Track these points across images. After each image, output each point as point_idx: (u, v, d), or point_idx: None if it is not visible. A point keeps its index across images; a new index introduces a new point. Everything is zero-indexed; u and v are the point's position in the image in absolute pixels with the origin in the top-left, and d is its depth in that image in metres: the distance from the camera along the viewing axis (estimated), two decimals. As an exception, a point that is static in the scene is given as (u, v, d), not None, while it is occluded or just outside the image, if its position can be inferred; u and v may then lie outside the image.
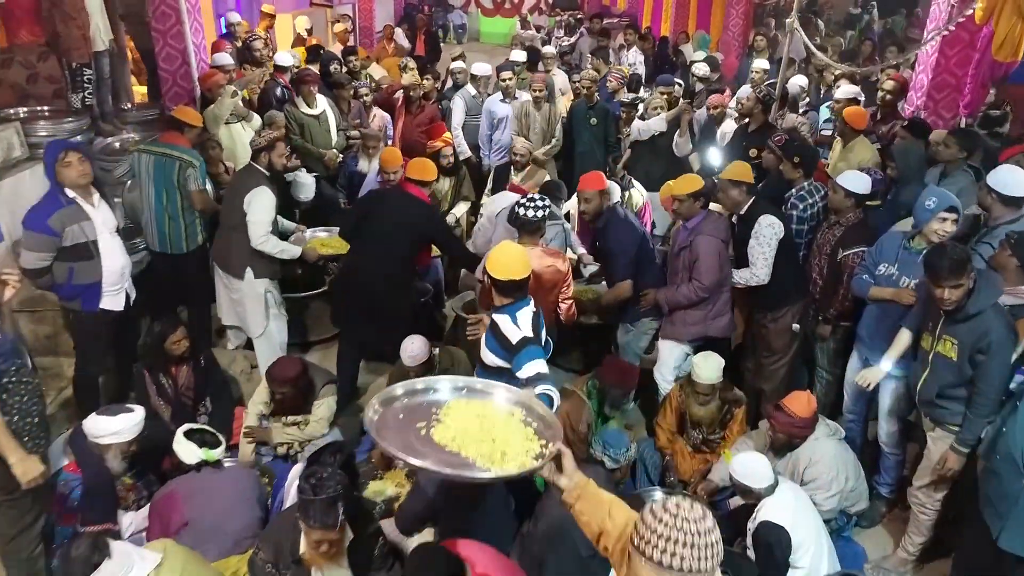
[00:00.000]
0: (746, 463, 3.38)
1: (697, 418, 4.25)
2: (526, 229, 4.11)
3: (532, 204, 4.06)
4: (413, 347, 4.18)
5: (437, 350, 4.42)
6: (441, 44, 18.58)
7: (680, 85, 7.62)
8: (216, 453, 3.45)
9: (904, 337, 3.70)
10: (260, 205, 4.62)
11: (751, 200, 4.39)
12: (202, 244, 5.08)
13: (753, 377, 4.75)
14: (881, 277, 3.91)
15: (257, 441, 4.22)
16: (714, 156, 6.28)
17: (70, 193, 3.99)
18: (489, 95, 7.42)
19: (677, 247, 4.47)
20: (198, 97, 6.52)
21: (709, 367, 4.02)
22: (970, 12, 4.91)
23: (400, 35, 15.78)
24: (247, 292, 4.80)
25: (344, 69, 7.71)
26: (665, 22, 14.83)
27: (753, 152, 5.87)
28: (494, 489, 3.31)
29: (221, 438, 3.50)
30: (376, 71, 8.98)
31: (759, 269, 4.29)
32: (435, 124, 6.63)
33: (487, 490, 3.23)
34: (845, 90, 6.28)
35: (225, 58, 6.50)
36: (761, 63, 8.22)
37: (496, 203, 5.67)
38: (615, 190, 5.58)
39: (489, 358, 3.38)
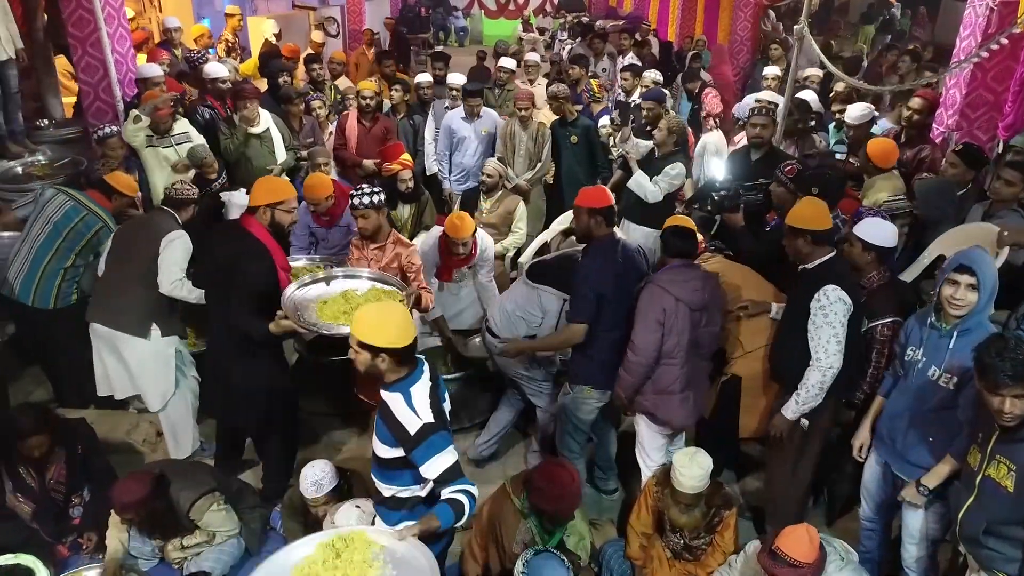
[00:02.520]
0: None
1: (678, 525, 3.41)
2: (381, 209, 3.93)
3: (366, 189, 3.88)
4: (314, 471, 3.33)
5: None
6: (432, 48, 17.92)
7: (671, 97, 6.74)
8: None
9: (948, 467, 2.86)
10: (178, 247, 3.93)
11: (830, 255, 3.32)
12: (75, 304, 4.28)
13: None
14: (908, 365, 3.05)
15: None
16: (717, 168, 5.40)
17: None
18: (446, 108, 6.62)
19: None
20: (122, 112, 5.74)
21: (693, 473, 3.15)
22: (1019, 28, 4.02)
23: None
24: (150, 354, 4.00)
25: (291, 81, 6.86)
26: (672, 25, 14.01)
27: (763, 181, 5.02)
28: None
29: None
30: (345, 81, 8.19)
31: (828, 357, 3.16)
32: (392, 144, 5.80)
33: None
34: (854, 112, 5.33)
35: (153, 69, 5.68)
36: (773, 69, 7.33)
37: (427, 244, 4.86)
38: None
39: (381, 449, 2.64)
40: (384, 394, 2.56)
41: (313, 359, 4.86)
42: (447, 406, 2.71)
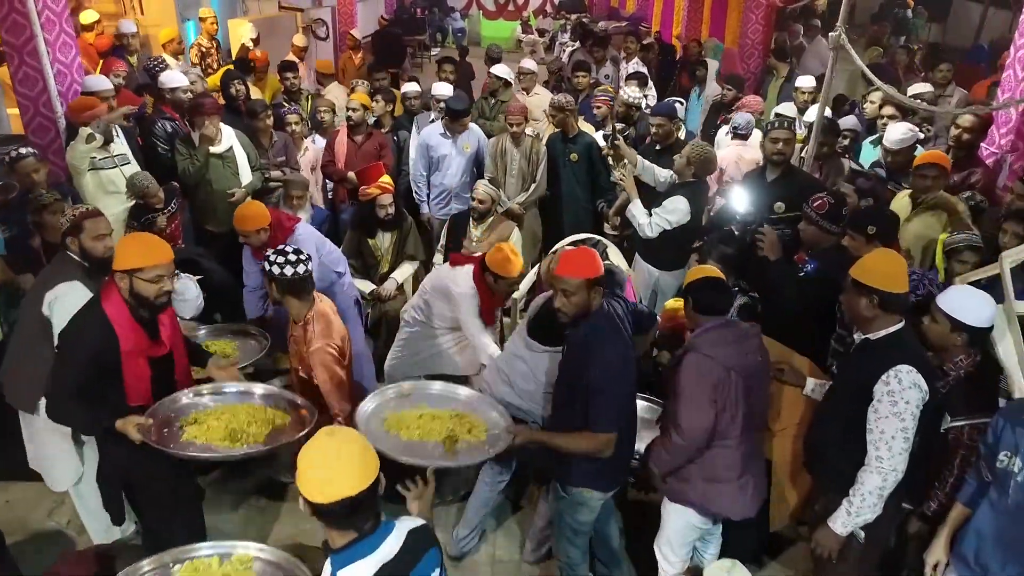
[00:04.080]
0: None
1: (704, 648, 2.78)
2: (295, 291, 3.19)
3: (287, 258, 3.14)
4: None
5: None
6: (428, 51, 17.24)
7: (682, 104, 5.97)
8: None
9: None
10: (67, 310, 3.04)
11: (898, 326, 2.65)
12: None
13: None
14: (1002, 476, 2.40)
15: None
16: (739, 199, 4.64)
17: None
18: (431, 121, 5.97)
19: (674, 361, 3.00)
20: (64, 130, 5.09)
21: None
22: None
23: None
24: (41, 431, 3.34)
25: (247, 91, 6.19)
26: (676, 27, 13.36)
27: (780, 207, 4.38)
28: None
29: None
30: (334, 91, 7.55)
31: (892, 457, 2.52)
32: (369, 164, 5.14)
33: None
34: (895, 135, 4.56)
35: (101, 82, 5.01)
36: (807, 80, 6.63)
37: (435, 286, 4.20)
38: (620, 274, 4.02)
39: None
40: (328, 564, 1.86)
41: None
42: None
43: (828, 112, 5.74)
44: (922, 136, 4.62)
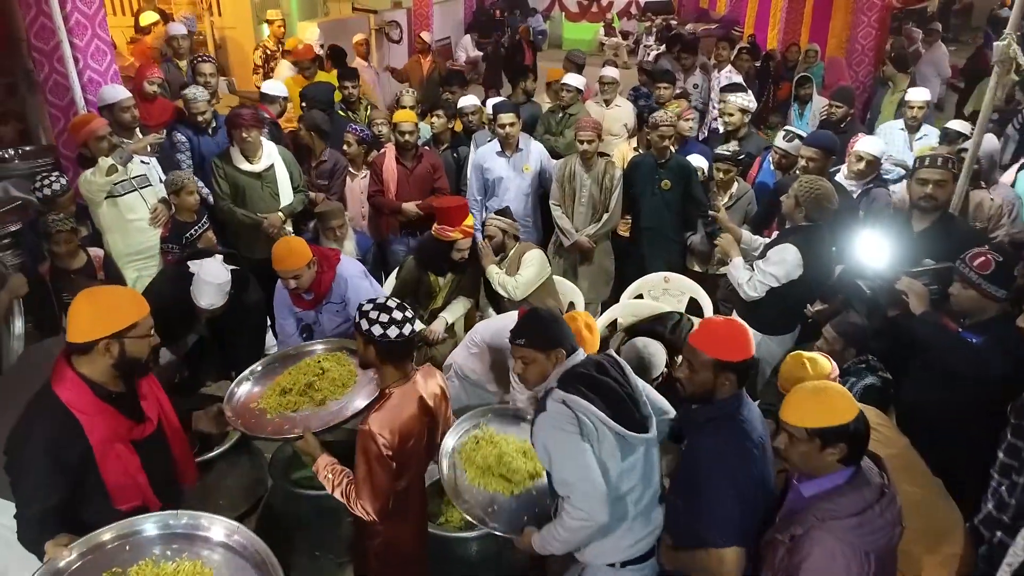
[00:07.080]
0: None
1: None
2: (393, 357, 2.55)
3: (391, 316, 2.49)
4: None
5: None
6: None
7: (799, 136, 4.75)
8: None
9: None
10: None
11: None
12: None
13: None
14: None
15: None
16: (870, 251, 3.58)
17: None
18: (488, 140, 5.31)
19: (781, 517, 2.20)
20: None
21: None
22: None
23: (468, 44, 13.87)
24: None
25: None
26: (772, 30, 12.29)
27: (929, 263, 3.45)
28: None
29: None
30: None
31: None
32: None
33: None
34: None
35: (116, 92, 4.47)
36: (920, 93, 5.66)
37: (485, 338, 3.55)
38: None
39: None
40: None
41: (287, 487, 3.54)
42: None
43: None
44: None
